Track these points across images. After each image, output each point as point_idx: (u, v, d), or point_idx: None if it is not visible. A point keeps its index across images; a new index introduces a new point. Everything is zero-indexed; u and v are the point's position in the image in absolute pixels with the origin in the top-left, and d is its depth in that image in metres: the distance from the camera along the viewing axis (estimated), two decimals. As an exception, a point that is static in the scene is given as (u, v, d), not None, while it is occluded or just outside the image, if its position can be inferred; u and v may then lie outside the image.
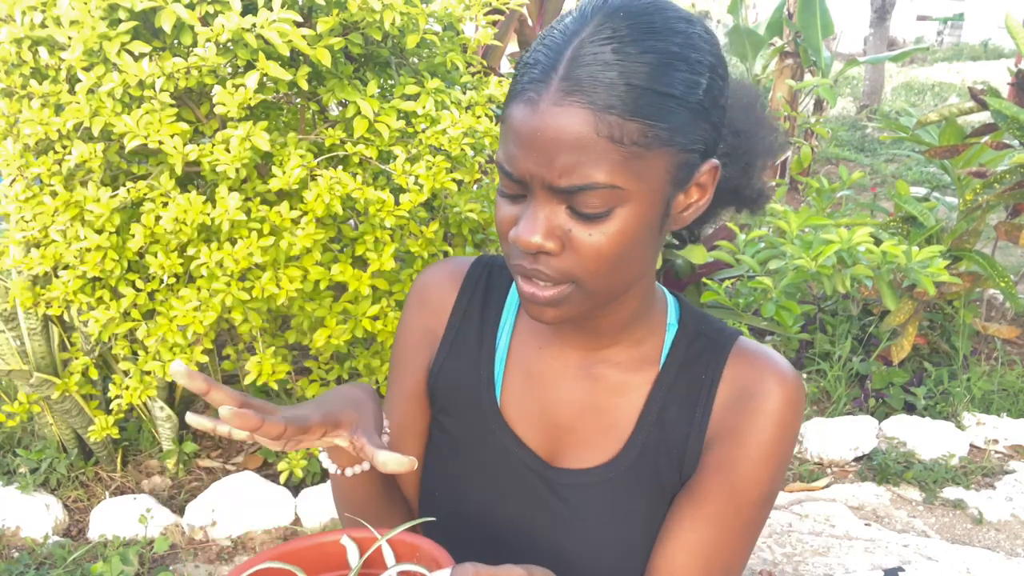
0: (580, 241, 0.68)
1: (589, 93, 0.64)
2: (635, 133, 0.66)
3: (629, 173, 0.66)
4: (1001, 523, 2.69)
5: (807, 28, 5.93)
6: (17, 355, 2.27)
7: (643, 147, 0.66)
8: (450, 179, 1.95)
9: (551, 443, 0.83)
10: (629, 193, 0.67)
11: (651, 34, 0.67)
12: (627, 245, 0.69)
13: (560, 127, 0.65)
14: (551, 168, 0.66)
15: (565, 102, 0.65)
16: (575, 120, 0.65)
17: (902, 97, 11.27)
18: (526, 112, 0.67)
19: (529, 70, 0.68)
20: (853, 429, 3.03)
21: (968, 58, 15.72)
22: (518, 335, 0.87)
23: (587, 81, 0.65)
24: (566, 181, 0.66)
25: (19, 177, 1.88)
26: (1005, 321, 3.80)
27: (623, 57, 0.65)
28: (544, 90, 0.66)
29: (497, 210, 0.73)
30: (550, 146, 0.65)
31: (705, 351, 0.82)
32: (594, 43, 0.66)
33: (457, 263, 0.93)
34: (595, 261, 0.69)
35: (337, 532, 0.67)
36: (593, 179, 0.65)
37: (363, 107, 1.90)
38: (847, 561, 2.41)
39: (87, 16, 1.73)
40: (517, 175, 0.68)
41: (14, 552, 2.23)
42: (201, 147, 1.77)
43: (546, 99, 0.65)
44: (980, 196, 3.20)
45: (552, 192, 0.67)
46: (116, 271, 1.89)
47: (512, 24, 3.33)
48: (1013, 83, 3.27)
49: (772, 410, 0.78)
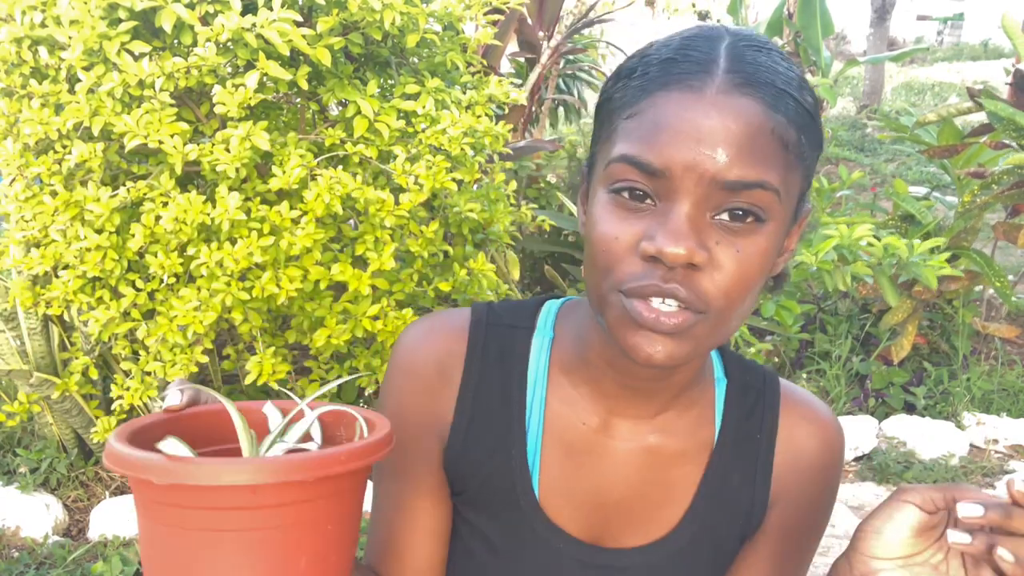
0: (725, 258, 0.60)
1: (761, 88, 0.60)
2: (794, 142, 0.62)
3: (785, 182, 0.62)
4: (1001, 523, 2.69)
5: (807, 28, 5.93)
6: (17, 355, 2.27)
7: (796, 159, 0.62)
8: (450, 179, 1.95)
9: (599, 525, 0.75)
10: (779, 208, 0.62)
11: (781, 55, 0.64)
12: (764, 270, 0.63)
13: (737, 116, 0.59)
14: (719, 159, 0.59)
15: (738, 92, 0.60)
16: (752, 112, 0.60)
17: (902, 97, 11.27)
18: (688, 99, 0.60)
19: (673, 64, 0.62)
20: (853, 429, 3.03)
21: (968, 58, 15.72)
22: (552, 409, 0.75)
23: (755, 76, 0.61)
24: (737, 173, 0.59)
25: (19, 177, 1.88)
26: (1004, 321, 3.80)
27: (775, 64, 0.62)
28: (709, 79, 0.60)
29: (603, 224, 0.62)
30: (722, 135, 0.59)
31: (756, 406, 0.78)
32: (746, 48, 0.62)
33: (447, 322, 0.78)
34: (737, 284, 0.61)
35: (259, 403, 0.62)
36: (763, 177, 0.60)
37: (363, 107, 1.90)
38: (847, 561, 2.41)
39: (87, 16, 1.73)
40: (663, 166, 0.59)
41: (14, 552, 2.23)
42: (201, 147, 1.77)
43: (712, 87, 0.60)
44: (978, 197, 3.20)
45: (707, 192, 0.59)
46: (116, 271, 1.89)
47: (512, 24, 3.33)
48: (1012, 83, 3.27)
49: (826, 466, 0.78)
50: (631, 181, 0.61)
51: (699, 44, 0.63)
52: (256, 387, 2.16)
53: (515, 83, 3.04)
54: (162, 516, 0.51)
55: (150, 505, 0.51)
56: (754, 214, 0.61)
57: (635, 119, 0.62)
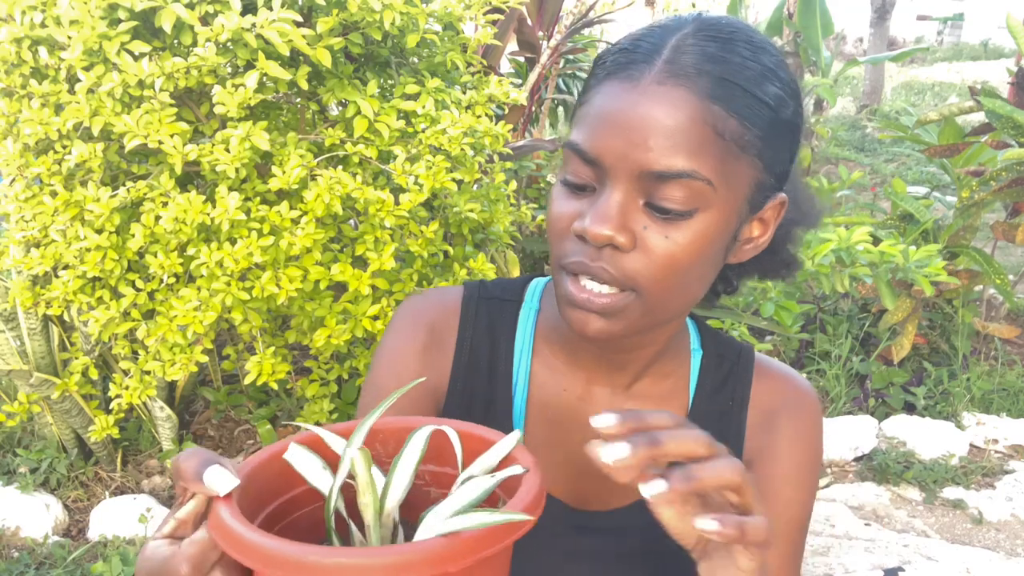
0: (653, 242, 0.63)
1: (695, 80, 0.62)
2: (735, 130, 0.63)
3: (722, 172, 0.63)
4: (1001, 523, 2.69)
5: (807, 28, 5.93)
6: (17, 355, 2.27)
7: (738, 148, 0.63)
8: (450, 179, 1.95)
9: (583, 489, 0.78)
10: (716, 197, 0.63)
11: (749, 45, 0.66)
12: (699, 257, 0.65)
13: (665, 106, 0.61)
14: (647, 149, 0.61)
15: (669, 83, 0.62)
16: (681, 102, 0.61)
17: (902, 97, 11.27)
18: (623, 88, 0.62)
19: (624, 54, 0.65)
20: (853, 429, 3.03)
21: (968, 58, 15.71)
22: (536, 379, 0.79)
23: (693, 68, 0.62)
24: (663, 164, 0.61)
25: (19, 177, 1.88)
26: (1005, 320, 3.80)
27: (727, 55, 0.63)
28: (646, 71, 0.62)
29: (553, 204, 0.67)
30: (651, 125, 0.61)
31: (730, 376, 0.80)
32: (698, 38, 0.64)
33: (442, 295, 0.83)
34: (665, 267, 0.63)
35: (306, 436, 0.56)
36: (691, 167, 0.61)
37: (363, 107, 1.90)
38: (847, 561, 2.41)
39: (87, 16, 1.73)
40: (596, 155, 0.63)
41: (14, 552, 2.23)
42: (201, 147, 1.77)
43: (648, 79, 0.62)
44: (976, 193, 3.20)
45: (637, 179, 0.62)
46: (116, 271, 1.89)
47: (512, 23, 3.32)
48: (1013, 82, 3.27)
49: (800, 428, 0.78)
50: (574, 170, 0.65)
51: (654, 34, 0.65)
52: (256, 387, 2.16)
53: (515, 83, 3.04)
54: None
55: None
56: (675, 210, 0.63)
57: (584, 107, 0.66)
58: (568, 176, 0.66)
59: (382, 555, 0.44)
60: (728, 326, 2.90)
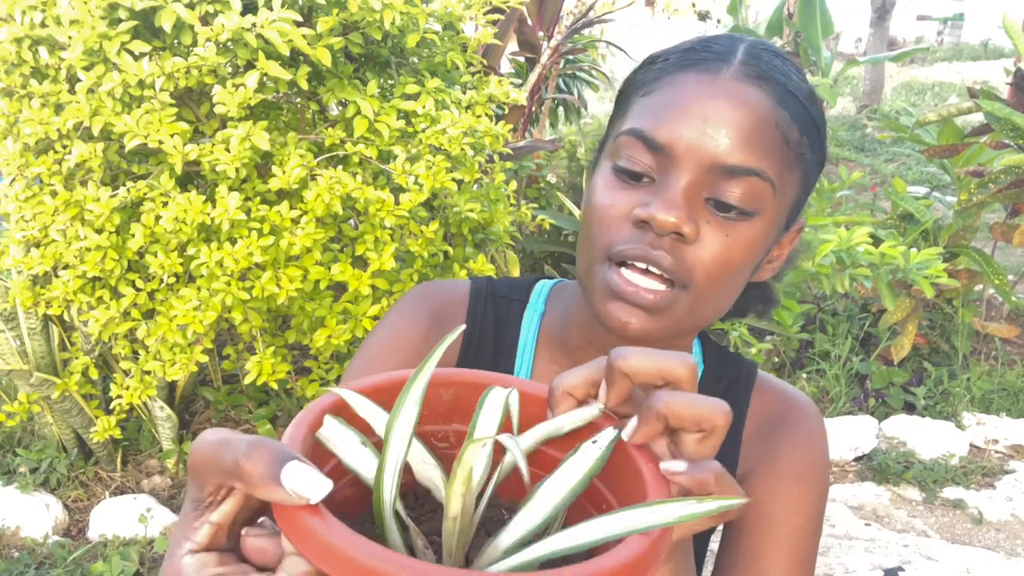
0: (714, 238, 0.62)
1: (771, 84, 0.63)
2: (796, 140, 0.63)
3: (782, 179, 0.63)
4: (1001, 523, 2.69)
5: (807, 28, 5.94)
6: (17, 355, 2.27)
7: (796, 159, 0.64)
8: (450, 179, 1.95)
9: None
10: (772, 204, 0.63)
11: (798, 71, 0.66)
12: (748, 262, 0.64)
13: (744, 103, 0.61)
14: (722, 141, 0.60)
15: (748, 81, 0.62)
16: (758, 102, 0.62)
17: (902, 97, 11.27)
18: (701, 81, 0.62)
19: (694, 53, 0.65)
20: (853, 429, 3.03)
21: (968, 58, 15.71)
22: (538, 377, 0.79)
23: (768, 73, 0.63)
24: (737, 158, 0.61)
25: (19, 177, 1.88)
26: (1004, 320, 3.80)
27: (788, 71, 0.64)
28: (724, 67, 0.63)
29: (603, 192, 0.64)
30: (729, 118, 0.61)
31: (728, 392, 0.80)
32: (763, 50, 0.65)
33: (451, 287, 0.83)
34: (720, 265, 0.62)
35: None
36: (762, 166, 0.61)
37: (363, 107, 1.90)
38: (847, 561, 2.41)
39: (87, 16, 1.73)
40: (667, 142, 0.61)
41: (14, 552, 2.23)
42: (201, 147, 1.77)
43: (727, 74, 0.62)
44: (975, 196, 3.21)
45: (706, 171, 0.61)
46: (116, 271, 1.89)
47: (512, 23, 3.32)
48: (1012, 83, 3.28)
49: (798, 437, 0.77)
50: (633, 157, 0.63)
51: (721, 40, 0.66)
52: (256, 387, 2.16)
53: (515, 83, 3.04)
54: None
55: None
56: (741, 208, 0.62)
57: (650, 96, 0.64)
58: (622, 163, 0.64)
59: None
60: (728, 326, 2.90)
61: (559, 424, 0.47)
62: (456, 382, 0.49)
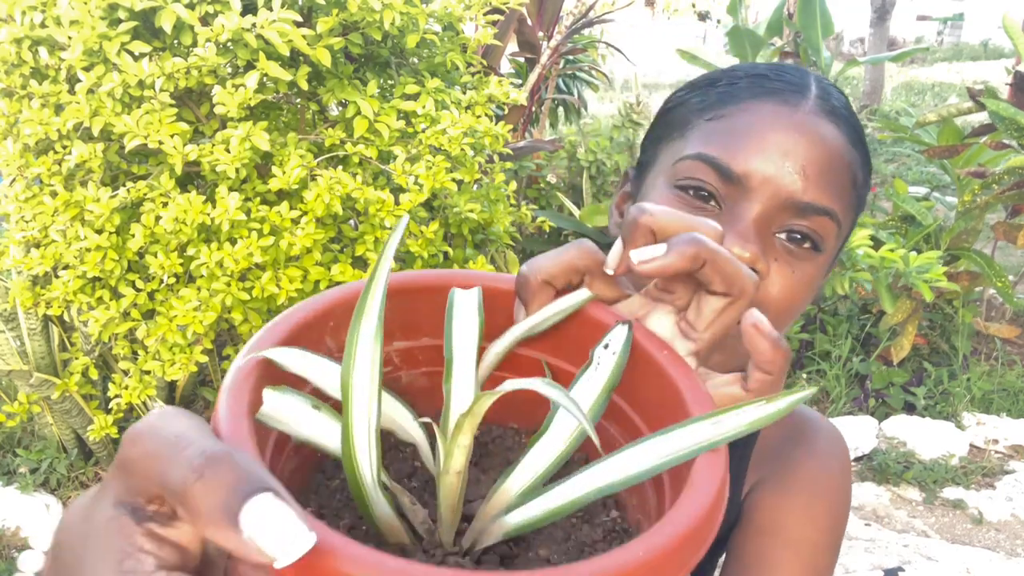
0: (781, 275, 0.60)
1: (845, 122, 0.61)
2: (860, 183, 0.62)
3: (846, 221, 0.62)
4: (1001, 523, 2.69)
5: (807, 28, 5.93)
6: (17, 355, 2.27)
7: (857, 202, 0.63)
8: (450, 179, 1.95)
9: None
10: (833, 244, 0.61)
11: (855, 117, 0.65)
12: (806, 299, 0.62)
13: (823, 139, 0.59)
14: (800, 178, 0.58)
15: (827, 117, 0.60)
16: (836, 140, 0.60)
17: (902, 97, 11.27)
18: (779, 112, 0.60)
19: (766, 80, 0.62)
20: (853, 429, 3.03)
21: (968, 58, 15.71)
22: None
23: (841, 111, 0.61)
24: (812, 196, 0.59)
25: (19, 177, 1.88)
26: (1005, 321, 3.80)
27: (851, 113, 0.63)
28: (802, 99, 0.61)
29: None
30: (808, 154, 0.59)
31: None
32: (831, 85, 0.63)
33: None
34: (785, 302, 0.60)
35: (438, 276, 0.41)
36: (834, 206, 0.59)
37: (363, 107, 1.90)
38: (847, 561, 2.41)
39: (87, 16, 1.73)
40: (743, 173, 0.59)
41: (14, 552, 2.23)
42: (201, 147, 1.77)
43: (806, 107, 0.60)
44: (978, 197, 3.21)
45: (780, 206, 0.59)
46: (116, 271, 1.89)
47: (512, 24, 3.32)
48: (1012, 83, 3.27)
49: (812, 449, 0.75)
50: (701, 180, 0.60)
51: (790, 70, 0.64)
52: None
53: (515, 83, 3.04)
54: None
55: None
56: (813, 241, 0.60)
57: (720, 121, 0.61)
58: (690, 182, 0.60)
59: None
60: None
61: (538, 320, 0.39)
62: (395, 291, 0.39)
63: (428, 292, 0.40)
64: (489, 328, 0.39)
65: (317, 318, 0.37)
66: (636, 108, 4.57)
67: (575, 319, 0.40)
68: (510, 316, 0.40)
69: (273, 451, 0.34)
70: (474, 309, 0.39)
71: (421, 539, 0.34)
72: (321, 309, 0.37)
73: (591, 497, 0.31)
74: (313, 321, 0.37)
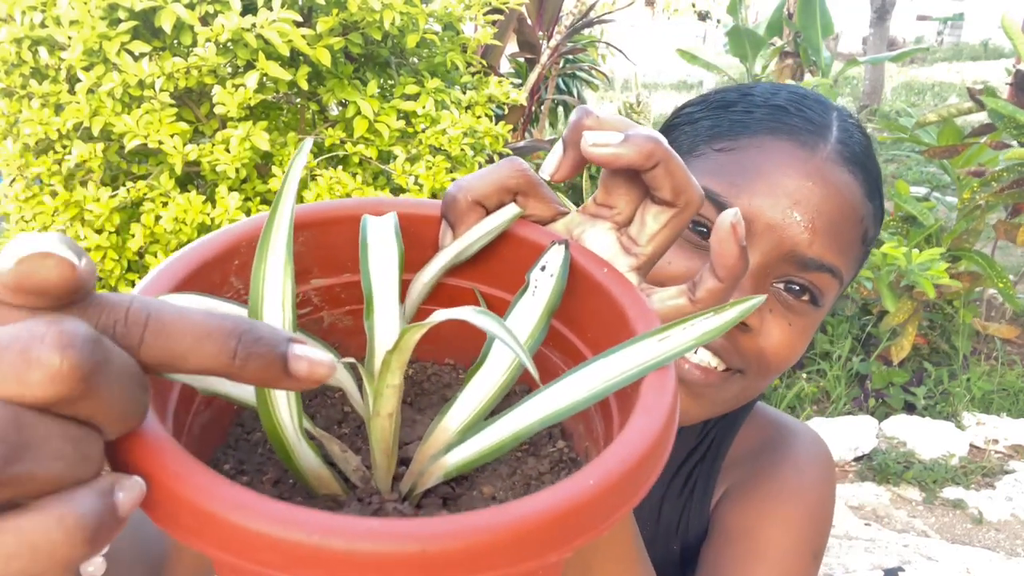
0: (776, 328, 0.57)
1: (864, 170, 0.57)
2: (871, 238, 0.58)
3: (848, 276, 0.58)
4: (1001, 523, 2.69)
5: (807, 28, 5.94)
6: (17, 355, 2.27)
7: (863, 256, 0.59)
8: (450, 179, 1.95)
9: None
10: (832, 298, 0.59)
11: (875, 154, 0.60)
12: (800, 352, 0.60)
13: (838, 189, 0.55)
14: (807, 230, 0.54)
15: (844, 166, 0.56)
16: (851, 193, 0.56)
17: (902, 97, 11.27)
18: (798, 154, 0.55)
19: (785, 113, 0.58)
20: (853, 429, 3.03)
21: (968, 58, 15.71)
22: None
23: (861, 158, 0.57)
24: (817, 251, 0.55)
25: (19, 177, 1.88)
26: (1005, 321, 3.80)
27: (873, 155, 0.59)
28: (821, 143, 0.56)
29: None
30: (819, 207, 0.55)
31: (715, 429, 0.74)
32: (853, 125, 0.59)
33: None
34: (779, 355, 0.58)
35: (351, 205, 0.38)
36: (838, 264, 0.56)
37: (363, 107, 1.90)
38: (847, 561, 2.41)
39: (87, 16, 1.73)
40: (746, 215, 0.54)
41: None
42: (201, 147, 1.77)
43: (824, 151, 0.56)
44: (978, 195, 3.20)
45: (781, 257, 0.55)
46: (116, 271, 1.89)
47: (512, 24, 3.33)
48: (1012, 83, 3.28)
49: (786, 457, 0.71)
50: (702, 216, 0.57)
51: (813, 105, 0.59)
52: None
53: (515, 83, 3.04)
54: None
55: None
56: (813, 295, 0.57)
57: (731, 154, 0.58)
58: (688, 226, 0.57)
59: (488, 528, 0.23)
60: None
61: (466, 244, 0.36)
62: (307, 223, 0.36)
63: (345, 223, 0.36)
64: (415, 259, 0.37)
65: (219, 257, 0.33)
66: (636, 108, 4.57)
67: (507, 242, 0.37)
68: (436, 246, 0.37)
69: (178, 406, 0.31)
70: (391, 236, 0.35)
71: (355, 488, 0.32)
72: (223, 246, 0.33)
73: (535, 428, 0.29)
74: (214, 260, 0.33)
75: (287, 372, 0.24)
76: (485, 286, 0.38)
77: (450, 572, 0.23)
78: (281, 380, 0.24)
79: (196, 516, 0.23)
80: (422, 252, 0.37)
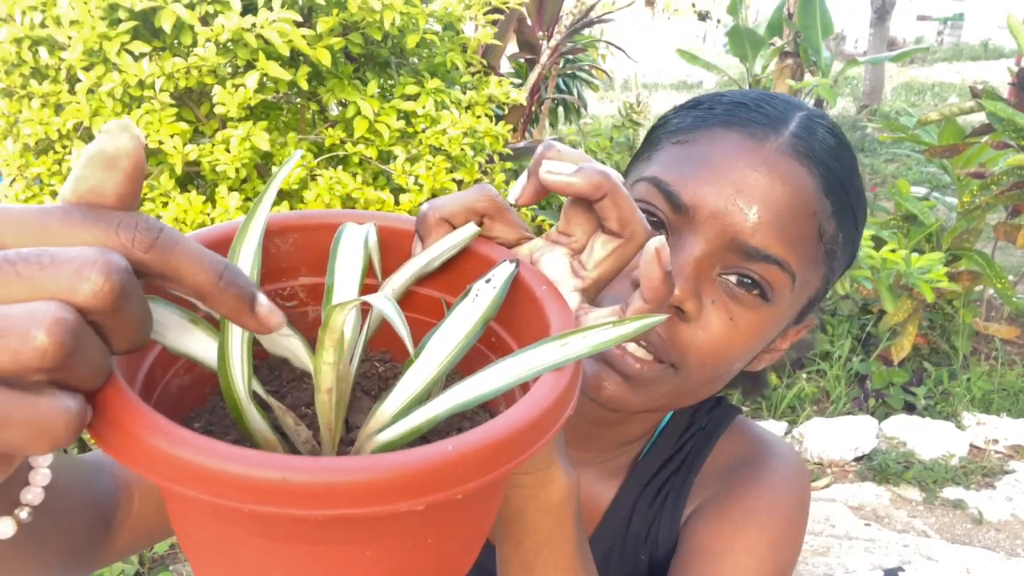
0: (715, 320, 0.56)
1: (820, 166, 0.56)
2: (830, 236, 0.57)
3: (803, 274, 0.57)
4: (1001, 523, 2.69)
5: (807, 28, 5.94)
6: (17, 355, 2.27)
7: (824, 256, 0.58)
8: (450, 179, 1.95)
9: None
10: (786, 296, 0.57)
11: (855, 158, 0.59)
12: (748, 350, 0.59)
13: (786, 181, 0.55)
14: (751, 219, 0.54)
15: (795, 158, 0.56)
16: (801, 184, 0.55)
17: (902, 97, 11.27)
18: (743, 145, 0.56)
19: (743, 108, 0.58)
20: (853, 429, 3.03)
21: (968, 58, 15.72)
22: None
23: (821, 153, 0.57)
24: (760, 241, 0.55)
25: (19, 177, 1.88)
26: (1004, 321, 3.80)
27: (844, 155, 0.58)
28: (773, 134, 0.56)
29: None
30: (764, 195, 0.54)
31: (693, 437, 0.73)
32: (819, 124, 0.59)
33: None
34: (717, 351, 0.57)
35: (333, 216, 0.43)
36: (785, 256, 0.55)
37: (363, 107, 1.90)
38: (847, 561, 2.41)
39: (87, 16, 1.73)
40: (691, 204, 0.55)
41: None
42: (201, 147, 1.77)
43: (773, 144, 0.56)
44: (978, 198, 3.21)
45: (724, 246, 0.55)
46: (116, 271, 1.89)
47: (512, 24, 3.33)
48: (1013, 83, 3.28)
49: (759, 475, 0.69)
50: (652, 206, 0.57)
51: (777, 103, 0.60)
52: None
53: (515, 83, 3.04)
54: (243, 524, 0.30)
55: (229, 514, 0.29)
56: (761, 288, 0.56)
57: (684, 146, 0.58)
58: (642, 205, 0.57)
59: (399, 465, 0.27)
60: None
61: (431, 256, 0.41)
62: (297, 227, 0.42)
63: (332, 229, 0.41)
64: (391, 268, 0.42)
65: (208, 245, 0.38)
66: (636, 108, 4.57)
67: (469, 258, 0.42)
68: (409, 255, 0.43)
69: (155, 365, 0.36)
70: (360, 242, 0.40)
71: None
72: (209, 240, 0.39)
73: (447, 414, 0.34)
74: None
75: (252, 309, 0.29)
76: (449, 296, 0.43)
77: (307, 503, 0.26)
78: (245, 315, 0.30)
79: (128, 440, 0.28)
80: (398, 262, 0.42)
